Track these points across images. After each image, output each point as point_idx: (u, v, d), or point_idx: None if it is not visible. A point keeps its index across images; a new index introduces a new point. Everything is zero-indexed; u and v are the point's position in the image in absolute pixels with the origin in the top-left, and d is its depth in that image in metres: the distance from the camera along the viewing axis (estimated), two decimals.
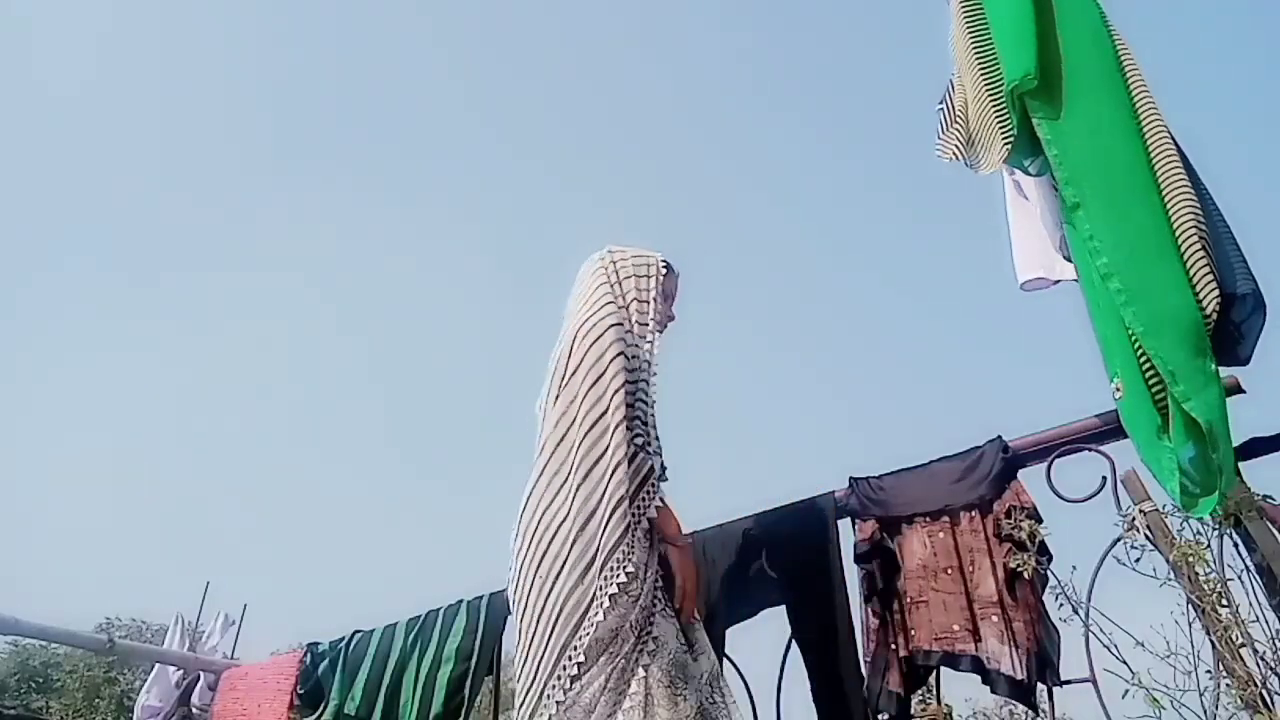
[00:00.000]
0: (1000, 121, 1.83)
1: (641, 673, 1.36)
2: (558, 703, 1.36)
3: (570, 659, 1.37)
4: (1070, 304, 1.84)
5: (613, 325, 1.62)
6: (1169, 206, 1.47)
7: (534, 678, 1.40)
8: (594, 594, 1.39)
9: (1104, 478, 1.63)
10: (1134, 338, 1.45)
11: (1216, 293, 1.39)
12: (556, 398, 1.61)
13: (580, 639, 1.38)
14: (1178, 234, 1.44)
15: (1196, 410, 1.32)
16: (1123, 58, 1.66)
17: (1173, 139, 1.56)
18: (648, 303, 1.73)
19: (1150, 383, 1.44)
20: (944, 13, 2.08)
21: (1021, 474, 1.75)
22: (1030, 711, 1.57)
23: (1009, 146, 1.78)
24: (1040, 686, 1.55)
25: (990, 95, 1.87)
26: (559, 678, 1.37)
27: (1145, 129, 1.56)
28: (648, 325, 1.69)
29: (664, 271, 1.82)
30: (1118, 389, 1.55)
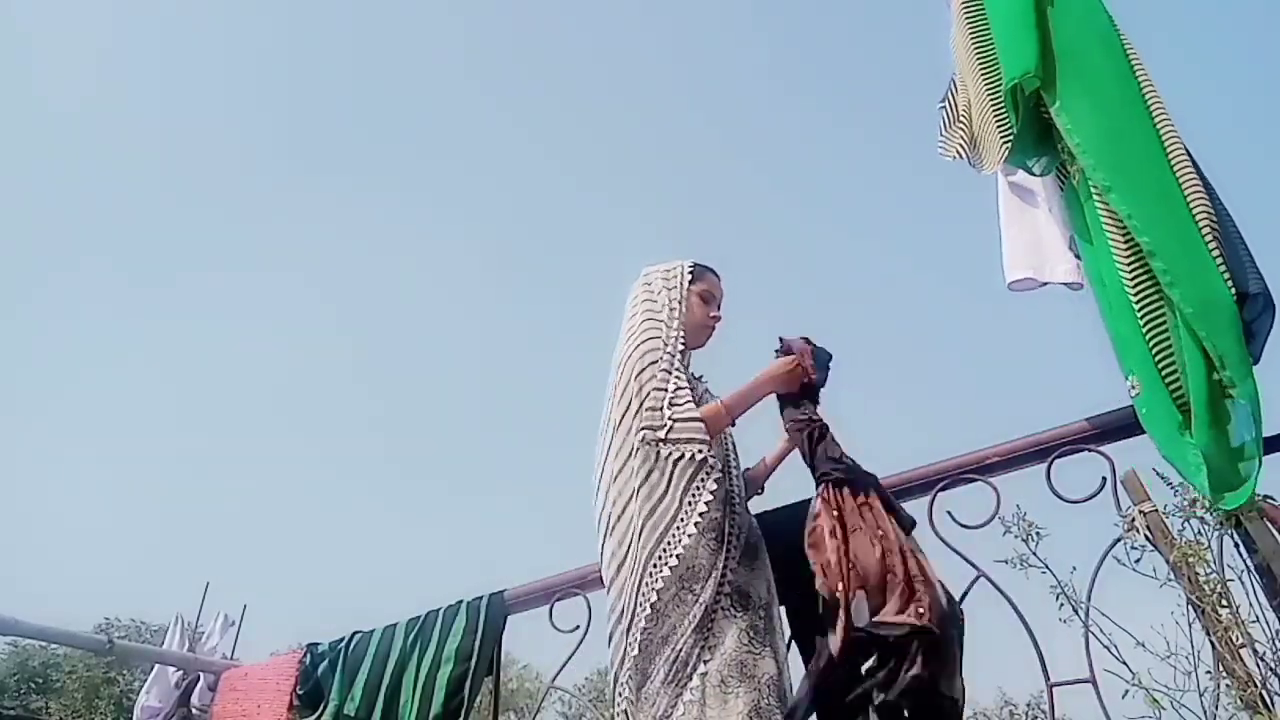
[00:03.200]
0: (999, 121, 1.83)
1: (702, 667, 1.41)
2: (627, 701, 1.47)
3: (628, 676, 1.48)
4: (1058, 307, 1.85)
5: (649, 340, 1.69)
6: (1189, 204, 1.47)
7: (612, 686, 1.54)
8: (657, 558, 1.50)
9: (1104, 478, 1.63)
10: (1149, 336, 1.44)
11: (1233, 290, 1.40)
12: (609, 423, 1.69)
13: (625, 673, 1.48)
14: (1200, 231, 1.44)
15: (1244, 394, 1.31)
16: (1133, 62, 1.66)
17: (1181, 140, 1.56)
18: (676, 308, 1.78)
19: (1168, 379, 1.43)
20: (946, 14, 2.08)
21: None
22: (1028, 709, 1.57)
23: (1009, 146, 1.78)
24: (1041, 688, 1.55)
25: (990, 95, 1.87)
26: (622, 687, 1.49)
27: (1159, 129, 1.56)
28: (682, 335, 1.74)
29: (689, 277, 1.84)
30: (1133, 386, 1.54)
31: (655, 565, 1.49)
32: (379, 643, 2.40)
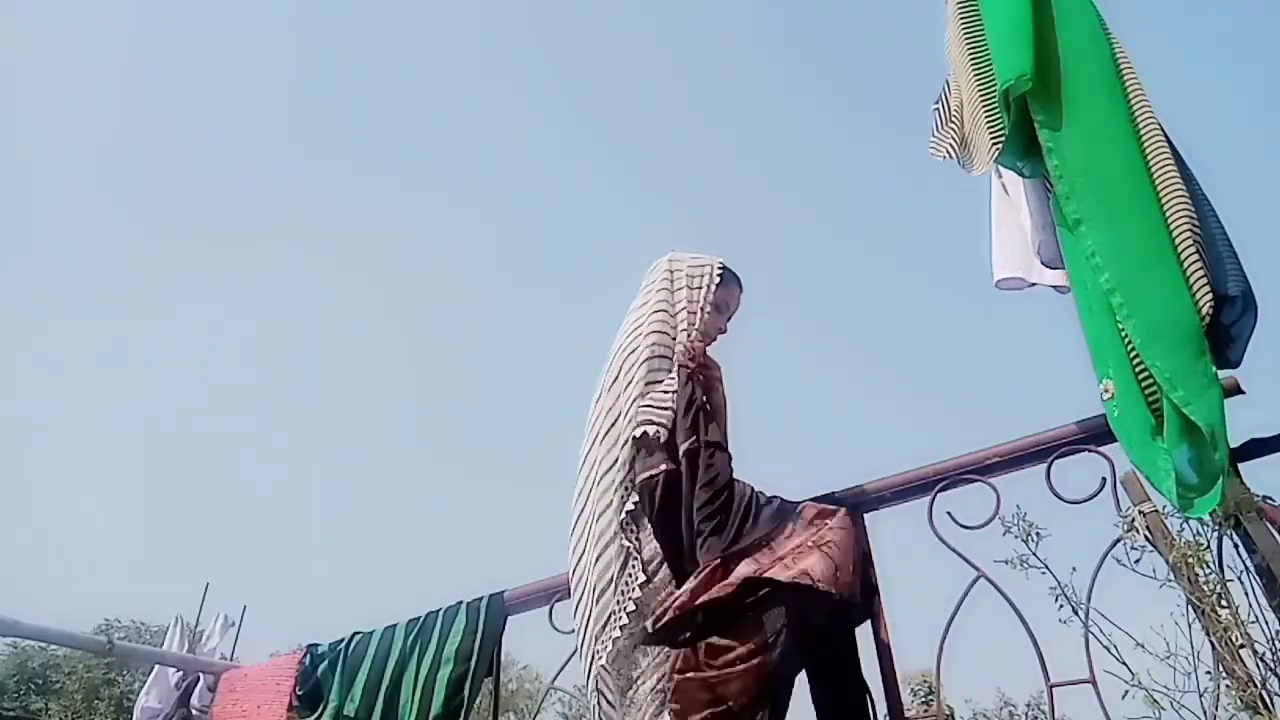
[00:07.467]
0: (991, 122, 1.83)
1: None
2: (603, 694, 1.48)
3: (600, 676, 1.47)
4: (1057, 306, 1.85)
5: (654, 334, 1.64)
6: (1166, 211, 1.47)
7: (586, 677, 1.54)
8: (610, 613, 1.47)
9: (1104, 479, 1.63)
10: (1130, 345, 1.44)
11: (1210, 296, 1.40)
12: (600, 406, 1.66)
13: (601, 652, 1.46)
14: (1175, 239, 1.44)
15: (1198, 414, 1.31)
16: (1120, 62, 1.66)
17: (1169, 142, 1.56)
18: (695, 313, 1.71)
19: (1144, 384, 1.43)
20: (944, 14, 2.08)
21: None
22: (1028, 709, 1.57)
23: (998, 147, 1.78)
24: (1041, 689, 1.55)
25: (983, 96, 1.87)
26: (597, 684, 1.49)
27: (1142, 133, 1.56)
28: (692, 335, 1.67)
29: (717, 280, 1.78)
30: (1106, 390, 1.54)
31: (625, 587, 1.48)
32: (379, 643, 2.40)
